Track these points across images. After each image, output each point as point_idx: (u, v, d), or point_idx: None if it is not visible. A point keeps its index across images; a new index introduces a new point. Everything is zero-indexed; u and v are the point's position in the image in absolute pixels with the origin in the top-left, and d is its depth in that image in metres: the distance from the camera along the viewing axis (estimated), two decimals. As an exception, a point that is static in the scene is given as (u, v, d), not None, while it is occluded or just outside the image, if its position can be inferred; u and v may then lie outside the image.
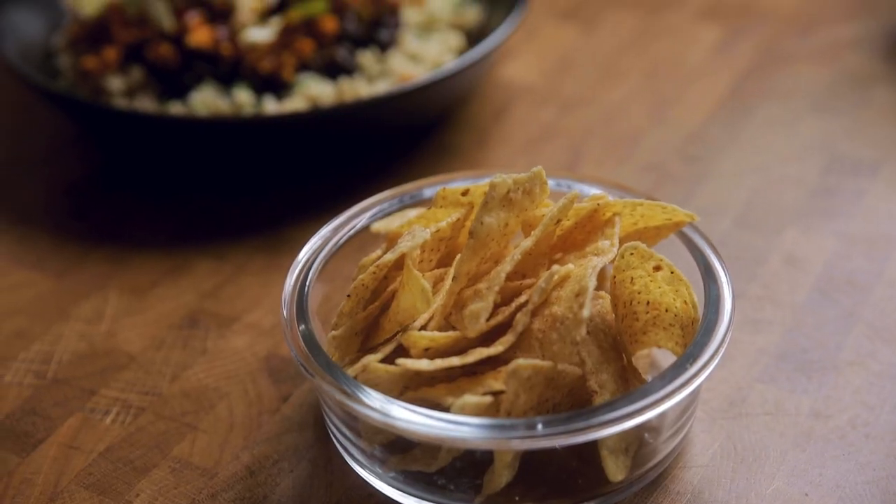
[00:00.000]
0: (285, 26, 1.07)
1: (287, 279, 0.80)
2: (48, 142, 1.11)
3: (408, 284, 0.76)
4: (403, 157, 1.07)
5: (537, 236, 0.76)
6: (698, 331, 0.75)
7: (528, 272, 0.78)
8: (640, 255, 0.77)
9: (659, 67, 1.17)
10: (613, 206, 0.80)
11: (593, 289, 0.73)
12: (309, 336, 0.77)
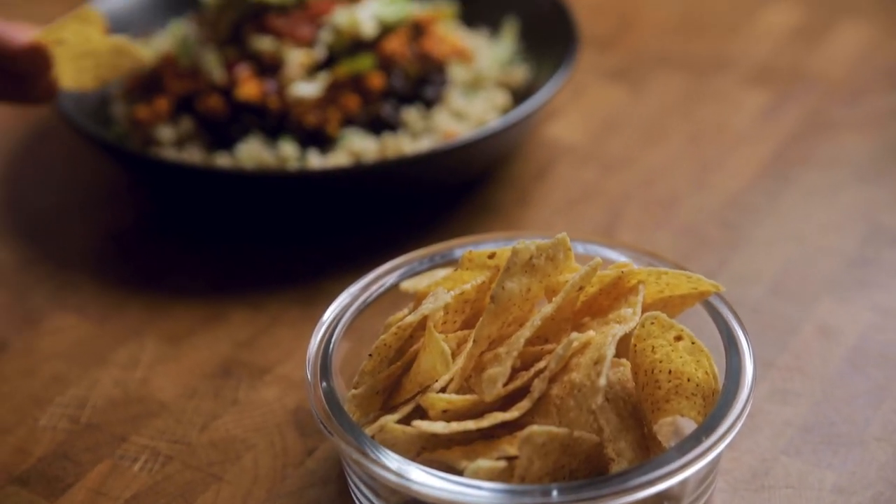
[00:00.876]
0: (332, 82, 1.09)
1: (313, 336, 0.82)
2: (99, 188, 1.13)
3: (428, 346, 0.77)
4: (444, 214, 1.08)
5: (558, 303, 0.76)
6: (717, 402, 0.76)
7: (550, 337, 0.79)
8: (660, 325, 0.77)
9: (703, 131, 1.17)
10: (638, 275, 0.80)
11: (612, 357, 0.74)
12: (330, 394, 0.78)
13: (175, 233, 1.08)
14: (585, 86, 1.25)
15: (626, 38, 1.33)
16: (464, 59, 1.17)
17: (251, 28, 1.12)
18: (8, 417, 0.90)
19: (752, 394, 0.76)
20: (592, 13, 1.37)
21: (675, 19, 1.36)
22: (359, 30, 1.11)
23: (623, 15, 1.37)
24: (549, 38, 1.18)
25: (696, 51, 1.30)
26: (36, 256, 1.06)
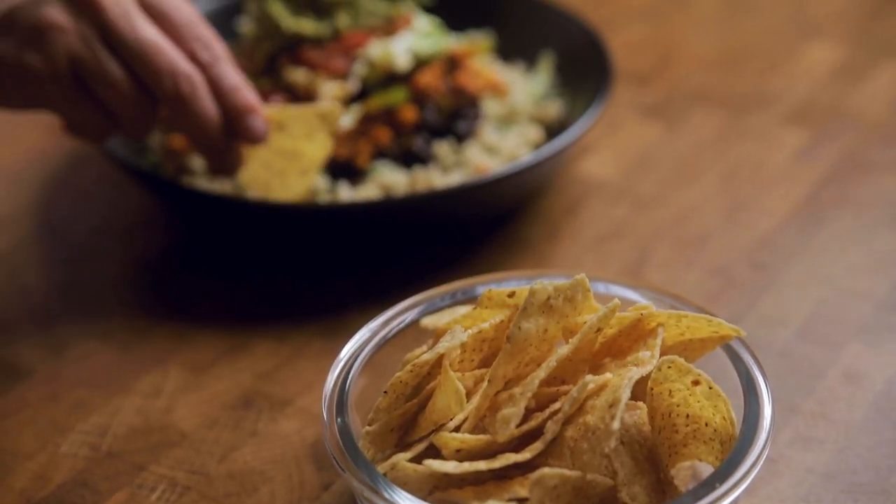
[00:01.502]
0: (364, 114, 1.09)
1: (330, 372, 0.82)
2: (133, 215, 1.14)
3: (443, 385, 0.76)
4: (473, 248, 1.08)
5: (575, 345, 0.76)
6: (734, 448, 0.75)
7: (567, 378, 0.78)
8: (678, 369, 0.76)
9: (737, 170, 1.16)
10: (658, 317, 0.79)
11: (626, 401, 0.73)
12: (345, 430, 0.78)
13: (205, 261, 1.08)
14: (621, 121, 1.25)
15: (665, 74, 1.32)
16: (498, 94, 1.17)
17: (286, 60, 1.12)
18: (30, 443, 0.91)
19: (771, 440, 0.75)
20: (631, 48, 1.37)
21: (715, 55, 1.35)
22: (393, 63, 1.11)
23: (662, 50, 1.37)
24: (585, 74, 1.18)
25: (734, 88, 1.29)
26: (66, 283, 1.06)
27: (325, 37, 1.12)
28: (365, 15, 1.14)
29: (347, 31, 1.13)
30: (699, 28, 1.41)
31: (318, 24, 1.12)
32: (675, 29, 1.41)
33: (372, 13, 1.14)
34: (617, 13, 1.45)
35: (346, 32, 1.13)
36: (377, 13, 1.15)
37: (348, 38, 1.12)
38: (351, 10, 1.13)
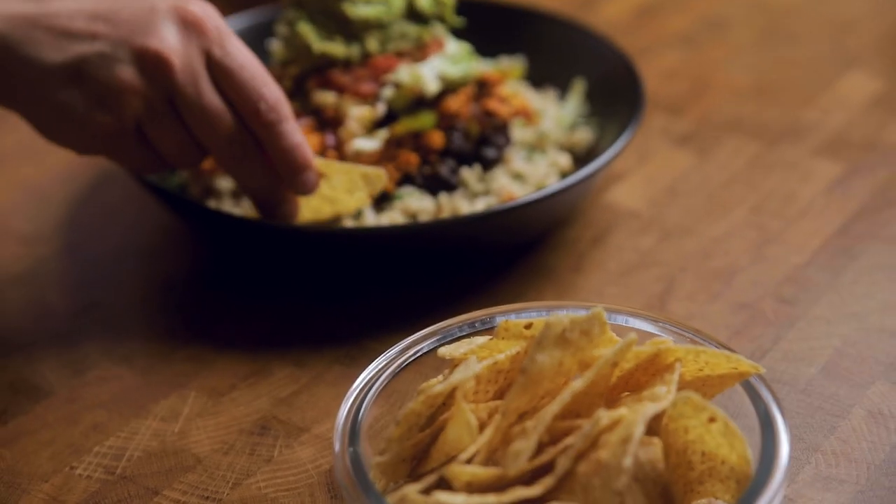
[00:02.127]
0: (391, 138, 1.09)
1: (344, 400, 0.81)
2: (158, 235, 1.14)
3: (456, 417, 0.76)
4: (496, 276, 1.07)
5: (589, 379, 0.75)
6: (748, 488, 0.74)
7: (582, 412, 0.77)
8: (694, 406, 0.75)
9: (768, 202, 1.15)
10: (675, 352, 0.78)
11: (640, 437, 0.72)
12: (356, 460, 0.77)
13: (228, 284, 1.08)
14: (653, 150, 1.23)
15: (698, 103, 1.31)
16: (528, 120, 1.17)
17: (314, 82, 1.12)
18: (45, 465, 0.91)
19: (787, 479, 0.74)
20: (665, 76, 1.36)
21: (750, 85, 1.34)
22: (421, 87, 1.10)
23: (696, 79, 1.35)
24: (617, 101, 1.17)
25: (768, 118, 1.28)
26: (89, 303, 1.07)
27: (355, 59, 1.12)
28: (395, 38, 1.14)
29: (377, 55, 1.12)
30: (734, 56, 1.40)
31: (347, 47, 1.12)
32: (709, 57, 1.40)
33: (402, 37, 1.14)
34: (651, 40, 1.44)
35: (376, 56, 1.12)
36: (407, 36, 1.14)
37: (377, 62, 1.12)
38: (381, 34, 1.13)
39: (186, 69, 0.94)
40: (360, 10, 1.12)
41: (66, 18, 0.93)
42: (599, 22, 1.48)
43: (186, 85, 0.94)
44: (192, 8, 0.95)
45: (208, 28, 0.95)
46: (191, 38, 0.94)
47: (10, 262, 1.12)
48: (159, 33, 0.93)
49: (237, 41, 0.97)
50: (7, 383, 0.98)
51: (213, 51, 0.95)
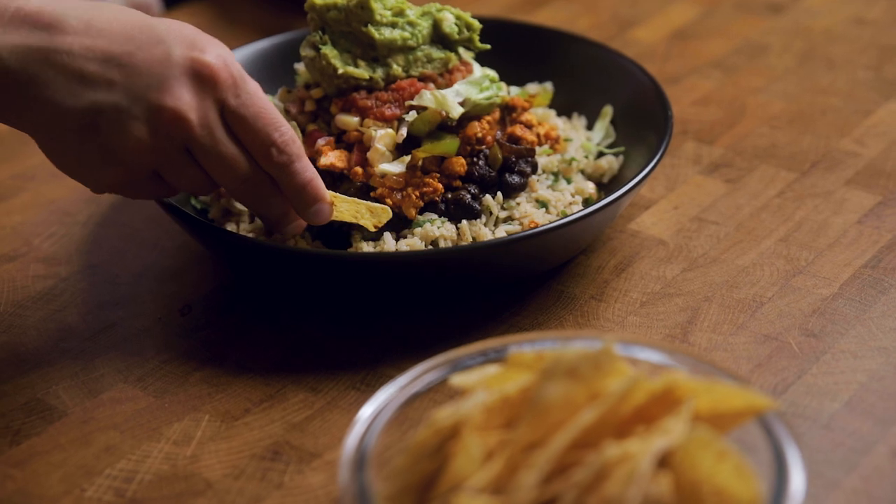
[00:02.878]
0: (414, 163, 1.07)
1: (353, 427, 0.80)
2: (179, 256, 1.14)
3: (462, 448, 0.75)
4: (517, 304, 1.06)
5: (597, 414, 0.73)
6: (759, 529, 0.72)
7: (592, 443, 0.75)
8: (705, 441, 0.73)
9: (798, 232, 1.12)
10: (688, 386, 0.77)
11: (646, 472, 0.70)
12: (363, 489, 0.76)
13: (246, 307, 1.07)
14: (683, 177, 1.22)
15: (732, 130, 1.29)
16: (554, 146, 1.15)
17: (337, 105, 1.11)
18: (56, 487, 0.90)
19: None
20: (700, 102, 1.34)
21: (785, 113, 1.32)
22: (445, 111, 1.09)
23: (731, 105, 1.33)
24: (645, 128, 1.15)
25: (802, 147, 1.25)
26: (108, 324, 1.06)
27: (379, 83, 1.11)
28: (420, 62, 1.13)
29: (401, 79, 1.11)
30: (771, 83, 1.38)
31: (371, 70, 1.11)
32: (745, 83, 1.38)
33: (427, 60, 1.13)
34: (686, 66, 1.42)
35: (400, 80, 1.11)
36: (433, 61, 1.13)
37: (401, 85, 1.11)
38: (406, 57, 1.12)
39: (202, 123, 0.95)
40: (386, 34, 1.11)
41: (80, 58, 0.92)
42: (634, 47, 1.46)
43: (203, 137, 0.95)
44: (207, 58, 0.95)
45: (222, 79, 0.95)
46: (206, 91, 0.95)
47: (31, 281, 1.11)
48: (174, 91, 0.93)
49: (250, 85, 0.97)
50: (22, 403, 0.98)
51: (228, 101, 0.96)
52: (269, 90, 1.22)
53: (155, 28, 0.94)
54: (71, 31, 0.92)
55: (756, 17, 1.52)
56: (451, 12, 1.15)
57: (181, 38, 0.95)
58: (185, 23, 0.98)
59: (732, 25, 1.50)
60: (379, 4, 1.12)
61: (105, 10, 0.94)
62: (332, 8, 1.13)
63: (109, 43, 0.93)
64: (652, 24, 1.52)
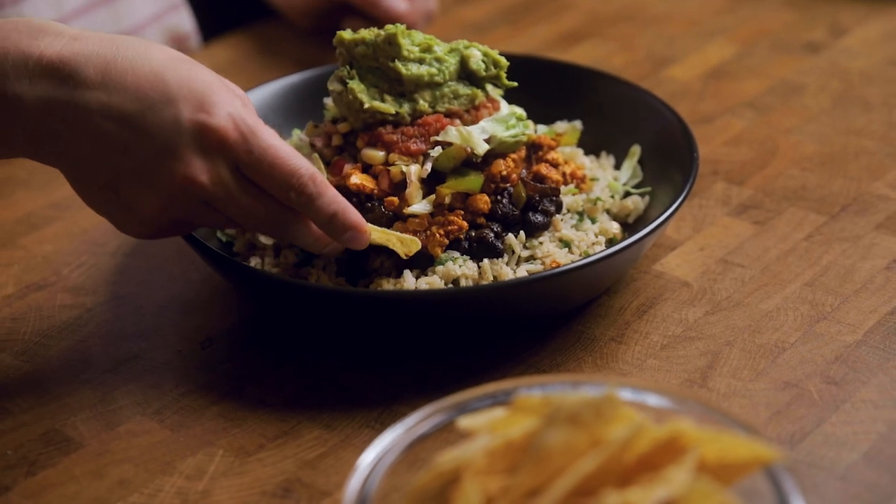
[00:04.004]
0: (441, 202, 1.07)
1: (357, 468, 0.80)
2: (202, 289, 1.15)
3: (461, 493, 0.74)
4: (536, 344, 1.05)
5: (598, 461, 0.73)
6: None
7: (594, 490, 0.75)
8: (706, 493, 0.73)
9: (824, 277, 1.11)
10: (693, 435, 0.76)
11: (647, 524, 0.70)
12: (362, 532, 0.76)
13: (266, 341, 1.08)
14: (710, 218, 1.21)
15: (763, 171, 1.28)
16: (580, 185, 1.15)
17: (363, 140, 1.12)
18: (68, 519, 0.91)
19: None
20: (730, 143, 1.33)
21: (817, 154, 1.30)
22: (471, 148, 1.09)
23: (762, 146, 1.32)
24: (672, 169, 1.15)
25: (833, 189, 1.24)
26: (129, 356, 1.07)
27: (405, 118, 1.11)
28: (447, 98, 1.13)
29: (428, 114, 1.12)
30: (804, 124, 1.36)
31: (398, 105, 1.11)
32: (778, 123, 1.37)
33: (454, 96, 1.13)
34: (721, 105, 1.41)
35: (427, 115, 1.12)
36: (459, 97, 1.13)
37: (427, 121, 1.11)
38: (432, 93, 1.12)
39: (216, 182, 0.97)
40: (413, 69, 1.12)
41: (97, 116, 0.95)
42: (668, 85, 1.46)
43: (218, 194, 0.97)
44: (214, 122, 0.96)
45: (231, 140, 0.96)
46: (216, 153, 0.96)
47: (57, 310, 1.13)
48: (184, 157, 0.95)
49: (262, 137, 0.97)
50: (41, 434, 0.99)
51: (240, 158, 0.97)
52: (299, 124, 1.23)
53: (167, 84, 0.96)
54: (89, 84, 0.95)
55: (793, 56, 1.51)
56: (478, 49, 1.15)
57: (191, 97, 0.96)
58: (200, 70, 0.98)
59: (769, 65, 1.49)
60: (407, 40, 1.13)
61: (122, 56, 0.96)
62: (361, 43, 1.14)
63: (124, 100, 0.95)
64: (688, 63, 1.51)
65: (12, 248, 1.22)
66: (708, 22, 1.62)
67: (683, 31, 1.60)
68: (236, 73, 1.55)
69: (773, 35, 1.57)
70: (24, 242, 1.23)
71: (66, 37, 0.96)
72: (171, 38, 1.59)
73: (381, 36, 1.13)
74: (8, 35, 0.95)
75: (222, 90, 0.98)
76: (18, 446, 0.98)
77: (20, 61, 0.94)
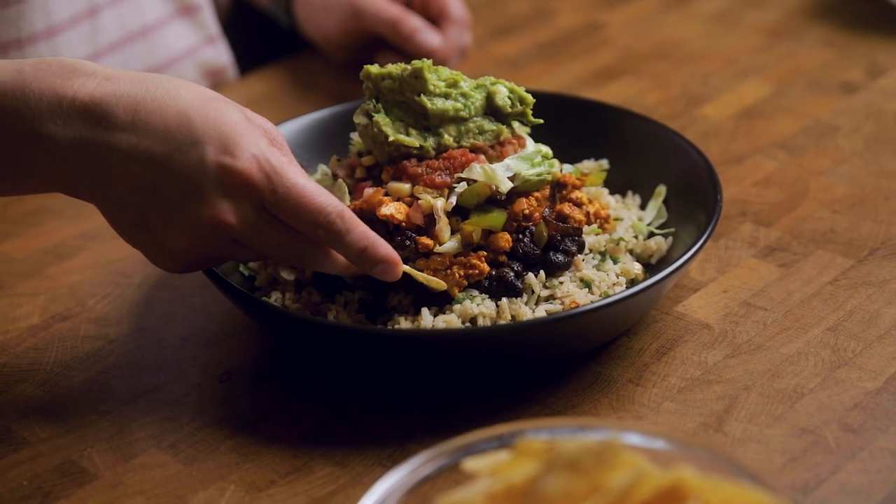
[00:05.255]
0: (468, 241, 1.07)
1: (358, 507, 0.80)
2: (224, 322, 1.15)
3: (459, 537, 0.74)
4: (553, 383, 1.05)
5: (597, 508, 0.73)
6: None
7: (595, 539, 0.75)
8: (706, 543, 0.72)
9: (848, 322, 1.10)
10: (695, 484, 0.75)
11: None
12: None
13: (283, 376, 1.08)
14: (735, 260, 1.20)
15: (792, 213, 1.27)
16: (603, 225, 1.14)
17: (388, 173, 1.12)
18: (78, 551, 0.91)
19: None
20: (760, 184, 1.32)
21: (848, 197, 1.29)
22: (495, 185, 1.09)
23: (792, 188, 1.31)
24: (698, 210, 1.14)
25: (862, 233, 1.23)
26: (148, 388, 1.08)
27: (430, 152, 1.11)
28: (472, 133, 1.13)
29: (453, 149, 1.12)
30: (836, 166, 1.35)
31: (423, 139, 1.12)
32: (810, 164, 1.36)
33: (479, 132, 1.13)
34: (753, 145, 1.40)
35: (452, 150, 1.12)
36: (485, 132, 1.13)
37: (453, 155, 1.11)
38: (457, 127, 1.13)
39: (243, 222, 0.98)
40: (438, 104, 1.12)
41: (127, 159, 0.97)
42: (701, 124, 1.45)
43: (246, 233, 0.99)
44: (238, 165, 0.97)
45: (256, 182, 0.97)
46: (241, 195, 0.97)
47: (80, 341, 1.14)
48: (210, 199, 0.97)
49: (288, 176, 0.98)
50: (56, 464, 1.00)
51: (266, 198, 0.98)
52: (327, 159, 1.24)
53: (193, 125, 0.97)
54: (119, 125, 0.97)
55: (828, 96, 1.50)
56: (504, 85, 1.16)
57: (216, 138, 0.97)
58: (228, 110, 0.99)
59: (803, 105, 1.48)
60: (433, 76, 1.13)
61: (151, 97, 0.98)
62: (387, 77, 1.14)
63: (152, 142, 0.97)
64: (721, 102, 1.50)
65: (39, 278, 1.23)
66: (744, 60, 1.61)
67: (719, 68, 1.59)
68: (271, 105, 1.56)
69: (810, 74, 1.56)
70: (52, 272, 1.24)
71: (98, 77, 0.98)
72: (207, 71, 1.60)
73: (408, 70, 1.13)
74: (43, 76, 0.97)
75: (248, 130, 0.98)
76: (34, 476, 0.98)
77: (54, 102, 0.96)
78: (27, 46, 1.41)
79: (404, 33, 1.51)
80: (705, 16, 1.74)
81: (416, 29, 1.51)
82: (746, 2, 1.77)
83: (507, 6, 1.82)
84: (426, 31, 1.51)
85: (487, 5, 1.81)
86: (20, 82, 0.97)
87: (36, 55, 1.40)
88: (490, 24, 1.75)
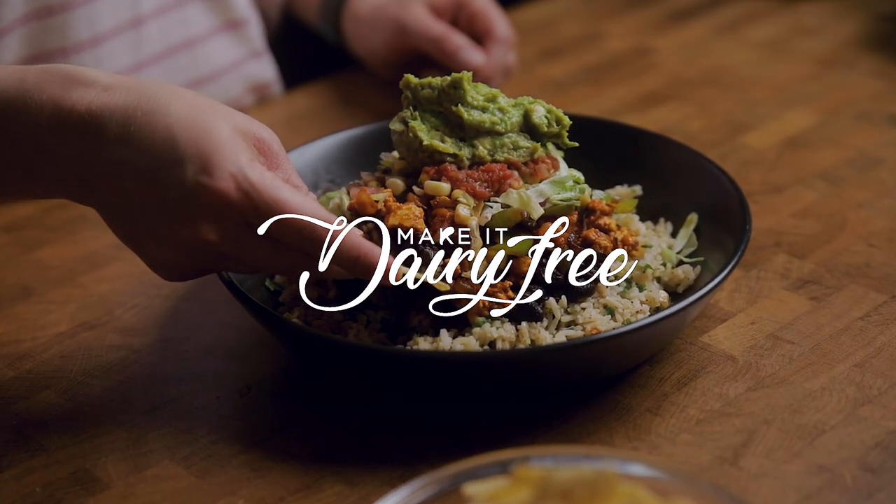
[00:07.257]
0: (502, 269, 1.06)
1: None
2: (247, 336, 1.16)
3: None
4: (570, 411, 1.04)
5: (588, 539, 0.72)
6: None
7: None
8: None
9: (876, 358, 1.08)
10: (692, 520, 0.74)
11: None
12: None
13: (300, 392, 1.08)
14: (767, 291, 1.18)
15: (827, 245, 1.25)
16: (630, 252, 1.13)
17: (427, 173, 1.11)
18: (84, 560, 0.92)
19: None
20: (798, 215, 1.30)
21: (886, 231, 1.27)
22: (528, 212, 1.08)
23: (830, 220, 1.29)
24: (727, 239, 1.12)
25: (896, 268, 1.21)
26: (167, 400, 1.08)
27: (464, 161, 1.11)
28: (506, 148, 1.13)
29: (486, 161, 1.11)
30: (877, 198, 1.33)
31: (458, 148, 1.12)
32: (850, 196, 1.34)
33: (514, 148, 1.13)
34: (794, 174, 1.38)
35: (486, 162, 1.11)
36: (519, 149, 1.13)
37: (491, 168, 1.10)
38: (492, 141, 1.12)
39: (225, 239, 0.98)
40: (475, 115, 1.12)
41: (119, 174, 0.98)
42: (743, 152, 1.44)
43: (230, 249, 0.99)
44: (216, 185, 0.96)
45: (234, 200, 0.96)
46: (221, 213, 0.97)
47: (104, 350, 1.15)
48: (191, 219, 0.97)
49: (267, 190, 0.97)
50: (70, 473, 1.00)
51: (247, 216, 0.97)
52: (357, 176, 1.24)
53: (176, 142, 0.97)
54: (112, 139, 0.97)
55: (875, 127, 1.48)
56: (542, 106, 1.15)
57: (196, 156, 0.96)
58: (215, 123, 0.98)
59: (849, 135, 1.46)
60: (472, 89, 1.13)
61: (142, 111, 0.98)
62: (427, 86, 1.15)
63: (140, 158, 0.97)
64: (766, 130, 1.49)
65: (71, 286, 1.24)
66: (793, 88, 1.60)
67: (766, 97, 1.58)
68: (314, 121, 1.57)
69: (858, 105, 1.53)
70: (83, 281, 1.25)
71: (97, 87, 0.98)
72: (252, 86, 1.61)
73: (447, 80, 1.14)
74: (45, 86, 0.98)
75: (230, 146, 0.97)
76: (47, 483, 0.99)
77: (54, 113, 0.98)
78: (72, 55, 1.42)
79: (448, 51, 1.52)
80: (756, 43, 1.73)
81: (460, 46, 1.51)
82: (799, 30, 1.75)
83: (559, 28, 1.81)
84: (470, 49, 1.52)
85: (539, 28, 1.81)
86: (22, 92, 0.98)
87: (80, 64, 1.42)
88: (539, 46, 1.74)
